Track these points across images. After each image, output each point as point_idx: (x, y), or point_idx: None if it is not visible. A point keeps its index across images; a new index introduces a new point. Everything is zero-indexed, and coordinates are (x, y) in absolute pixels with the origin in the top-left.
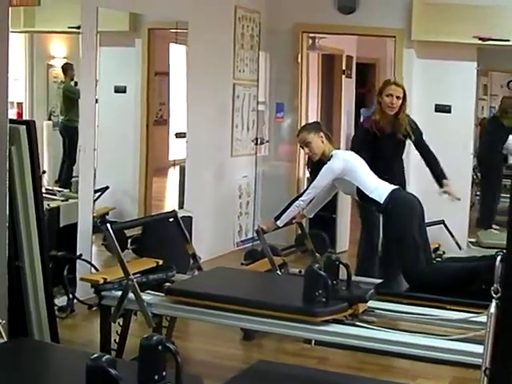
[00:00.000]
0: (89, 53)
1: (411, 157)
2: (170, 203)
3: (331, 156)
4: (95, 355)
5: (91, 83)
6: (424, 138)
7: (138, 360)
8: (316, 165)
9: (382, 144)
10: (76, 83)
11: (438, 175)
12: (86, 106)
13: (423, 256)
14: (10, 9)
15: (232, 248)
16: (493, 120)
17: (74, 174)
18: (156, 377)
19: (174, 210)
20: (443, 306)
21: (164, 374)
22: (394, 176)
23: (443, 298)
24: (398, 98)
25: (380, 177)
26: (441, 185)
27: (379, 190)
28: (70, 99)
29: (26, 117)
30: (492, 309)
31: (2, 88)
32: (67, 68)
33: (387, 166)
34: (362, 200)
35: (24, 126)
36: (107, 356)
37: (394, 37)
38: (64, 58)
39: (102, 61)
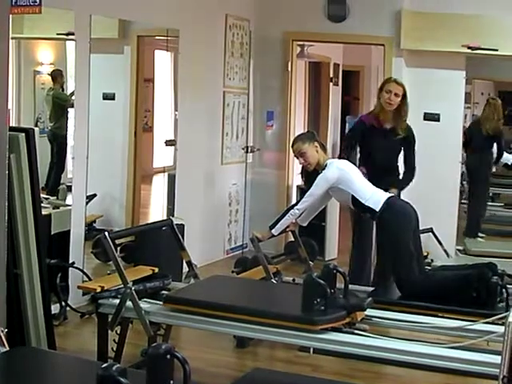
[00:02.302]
0: (82, 60)
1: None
2: (158, 211)
3: (326, 165)
4: (106, 364)
5: (84, 91)
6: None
7: (147, 368)
8: (311, 174)
9: (380, 137)
10: (63, 89)
11: (399, 184)
12: (79, 113)
13: (416, 265)
14: (10, 17)
15: (222, 256)
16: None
17: (61, 182)
18: None
19: (169, 218)
20: (438, 313)
21: (172, 382)
22: (389, 171)
23: (439, 307)
24: (396, 95)
25: (376, 172)
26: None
27: (374, 197)
28: (60, 106)
29: (12, 123)
30: (510, 318)
31: (1, 96)
32: (57, 75)
33: (383, 160)
34: (357, 208)
35: (23, 134)
36: (118, 365)
37: (383, 45)
38: (51, 64)
39: (91, 67)
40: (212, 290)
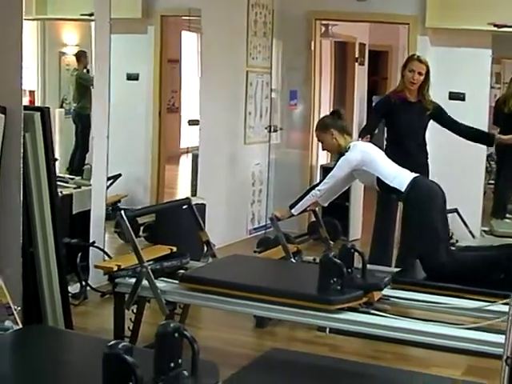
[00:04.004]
0: (102, 40)
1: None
2: (183, 191)
3: (349, 147)
4: (112, 342)
5: (105, 71)
6: None
7: (155, 347)
8: (338, 156)
9: (407, 112)
10: (88, 71)
11: (485, 135)
12: (100, 93)
13: (443, 246)
14: None
15: (245, 235)
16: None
17: (86, 162)
18: (172, 364)
19: (188, 198)
20: (459, 294)
21: (180, 361)
22: (417, 146)
23: (459, 287)
24: (419, 74)
25: (402, 148)
26: (492, 142)
27: (400, 178)
28: (83, 87)
29: (38, 104)
30: None
31: (16, 76)
32: (80, 55)
33: (410, 135)
34: (383, 190)
35: (38, 113)
36: (124, 343)
37: (408, 24)
38: (76, 45)
39: (114, 48)
40: (228, 269)
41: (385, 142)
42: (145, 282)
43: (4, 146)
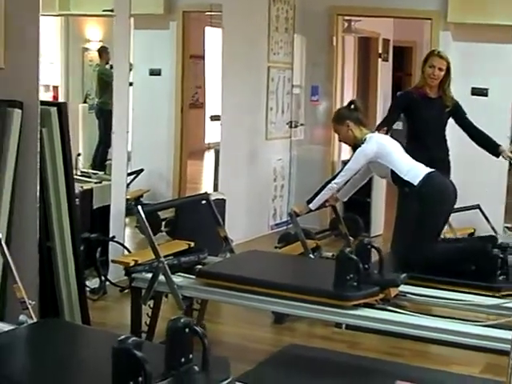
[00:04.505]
0: (122, 36)
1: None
2: (205, 186)
3: (365, 139)
4: (122, 337)
5: (125, 66)
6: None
7: (165, 342)
8: (354, 148)
9: (427, 108)
10: (112, 66)
11: (493, 145)
12: (120, 89)
13: (429, 243)
14: None
15: (266, 231)
16: None
17: (108, 157)
18: (183, 359)
19: (206, 193)
20: (473, 291)
21: (191, 356)
22: (436, 142)
23: (476, 284)
24: (440, 69)
25: (422, 144)
26: (498, 154)
27: (414, 171)
28: (105, 82)
29: (61, 100)
30: None
31: (33, 70)
32: (102, 51)
33: (430, 131)
34: (396, 183)
35: (55, 108)
36: (133, 338)
37: (430, 19)
38: (100, 41)
39: (136, 43)
40: (245, 265)
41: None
42: (161, 277)
43: (21, 141)
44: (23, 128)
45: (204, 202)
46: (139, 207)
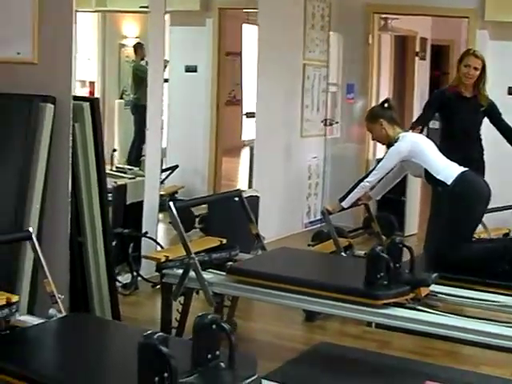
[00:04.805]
0: (157, 32)
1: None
2: (241, 183)
3: (398, 138)
4: (147, 332)
5: (159, 63)
6: None
7: (192, 338)
8: (388, 147)
9: (462, 107)
10: (147, 62)
11: None
12: (154, 85)
13: (462, 243)
14: None
15: (300, 229)
16: None
17: (143, 153)
18: (209, 356)
19: (238, 189)
20: (502, 291)
21: (217, 353)
22: (471, 142)
23: (507, 284)
24: (475, 69)
25: (456, 143)
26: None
27: (447, 171)
28: (140, 78)
29: (97, 96)
30: None
31: (66, 66)
32: (138, 47)
33: (464, 130)
34: (430, 182)
35: (88, 103)
36: (159, 333)
37: (468, 17)
38: (136, 37)
39: (173, 40)
40: (275, 262)
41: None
42: (192, 273)
43: (53, 136)
44: (56, 123)
45: (236, 198)
46: (171, 203)
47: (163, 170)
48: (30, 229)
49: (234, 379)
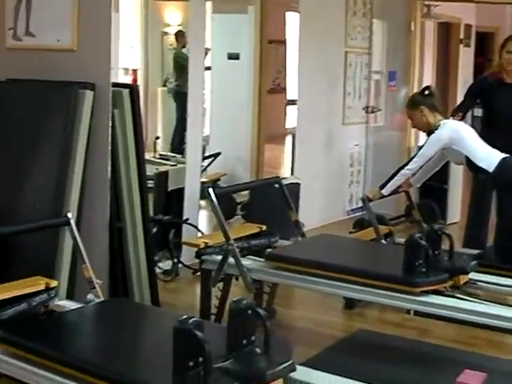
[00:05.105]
0: (197, 20)
1: None
2: (283, 170)
3: (439, 125)
4: (182, 317)
5: (200, 50)
6: None
7: (227, 324)
8: (429, 134)
9: (502, 93)
10: (188, 50)
11: None
12: (195, 72)
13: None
14: None
15: (342, 216)
16: None
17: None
18: (244, 341)
19: (278, 176)
20: None
21: (253, 338)
22: None
23: None
24: None
25: (498, 130)
26: None
27: (489, 158)
28: (181, 65)
29: (140, 83)
30: None
31: (105, 52)
32: (179, 35)
33: (505, 116)
34: (471, 169)
35: (127, 90)
36: (194, 318)
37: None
38: (179, 25)
39: (215, 27)
40: (314, 249)
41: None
42: (231, 260)
43: (93, 123)
44: (95, 109)
45: (276, 185)
46: (210, 189)
47: (206, 157)
48: (69, 214)
49: (268, 364)
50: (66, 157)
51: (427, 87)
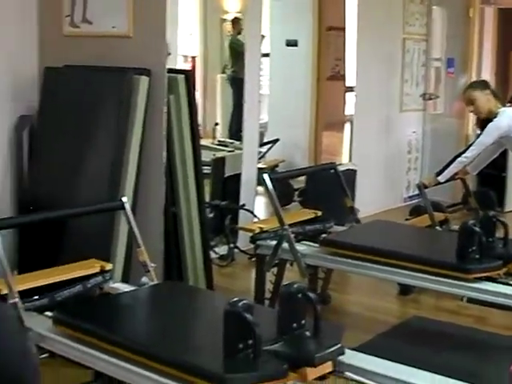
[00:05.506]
0: (255, 6)
1: None
2: (342, 157)
3: (497, 113)
4: (233, 300)
5: (257, 37)
6: None
7: (278, 307)
8: (485, 122)
9: None
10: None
11: None
12: (251, 59)
13: None
14: None
15: (399, 204)
16: None
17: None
18: (294, 324)
19: (333, 162)
20: None
21: (303, 322)
22: None
23: None
24: None
25: None
26: None
27: None
28: (236, 52)
29: (199, 70)
30: None
31: (160, 39)
32: (235, 22)
33: None
34: None
35: (182, 76)
36: (244, 301)
37: None
38: (237, 12)
39: (273, 14)
40: (369, 235)
41: None
42: (286, 245)
43: (148, 108)
44: (151, 95)
45: (332, 171)
46: (265, 175)
47: (264, 144)
48: (124, 198)
49: (317, 348)
50: (121, 142)
51: (483, 81)
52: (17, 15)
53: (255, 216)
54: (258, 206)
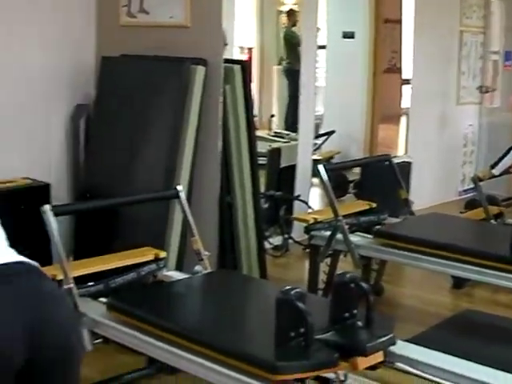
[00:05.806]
0: None
1: None
2: (397, 150)
3: None
4: (285, 288)
5: (312, 28)
6: None
7: (331, 296)
8: None
9: None
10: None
11: None
12: (307, 51)
13: None
14: None
15: (454, 197)
16: None
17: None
18: (346, 314)
19: (388, 154)
20: None
21: (355, 311)
22: None
23: None
24: None
25: None
26: None
27: None
28: (291, 44)
29: (256, 62)
30: None
31: (217, 29)
32: (290, 14)
33: None
34: None
35: (238, 66)
36: (297, 290)
37: None
38: (294, 4)
39: (330, 6)
40: (423, 227)
41: None
42: (340, 236)
43: (204, 98)
44: (207, 85)
45: (387, 163)
46: (320, 166)
47: (319, 135)
48: (179, 187)
49: (369, 337)
50: (177, 131)
51: None
52: (81, 3)
53: (310, 207)
54: (313, 197)
